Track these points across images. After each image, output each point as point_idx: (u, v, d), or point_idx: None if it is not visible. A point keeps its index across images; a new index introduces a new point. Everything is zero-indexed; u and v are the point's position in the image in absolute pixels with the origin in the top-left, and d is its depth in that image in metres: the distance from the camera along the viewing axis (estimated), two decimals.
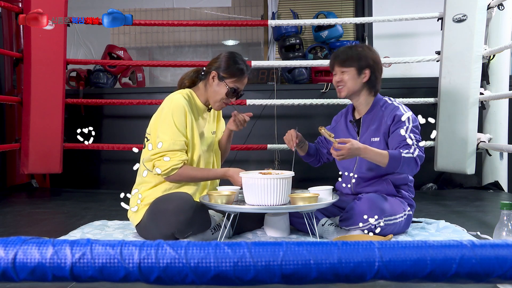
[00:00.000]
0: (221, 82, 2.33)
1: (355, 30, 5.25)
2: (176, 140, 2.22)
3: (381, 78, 2.46)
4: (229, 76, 2.33)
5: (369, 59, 2.38)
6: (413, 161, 2.21)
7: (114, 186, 4.68)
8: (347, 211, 2.27)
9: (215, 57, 2.43)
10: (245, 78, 2.38)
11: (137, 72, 5.03)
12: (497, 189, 4.10)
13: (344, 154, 2.16)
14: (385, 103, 2.42)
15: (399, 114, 2.33)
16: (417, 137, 2.28)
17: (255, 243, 0.80)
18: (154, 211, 2.18)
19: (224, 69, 2.34)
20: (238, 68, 2.34)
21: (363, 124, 2.44)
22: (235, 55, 2.39)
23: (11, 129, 4.56)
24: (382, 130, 2.36)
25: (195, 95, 2.40)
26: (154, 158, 2.23)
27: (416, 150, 2.23)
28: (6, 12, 4.48)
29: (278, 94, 4.62)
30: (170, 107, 2.26)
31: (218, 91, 2.34)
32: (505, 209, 1.57)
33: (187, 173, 2.26)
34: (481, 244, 0.80)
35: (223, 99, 2.36)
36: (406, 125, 2.29)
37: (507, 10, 4.03)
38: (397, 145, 2.28)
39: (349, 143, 2.16)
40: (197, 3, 5.42)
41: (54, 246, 0.78)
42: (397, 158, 2.19)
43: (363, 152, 2.19)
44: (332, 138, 2.20)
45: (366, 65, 2.38)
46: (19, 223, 2.98)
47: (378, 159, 2.21)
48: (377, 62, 2.41)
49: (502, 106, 4.17)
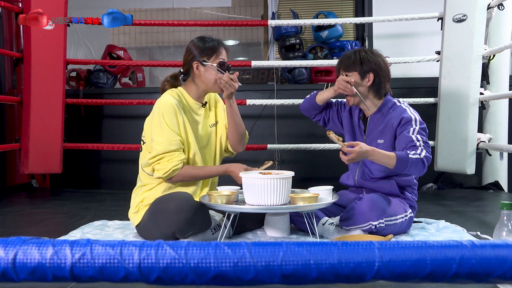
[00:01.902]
0: (206, 67, 2.33)
1: (355, 30, 5.25)
2: (172, 140, 2.21)
3: (388, 81, 2.47)
4: (208, 56, 2.33)
5: (371, 63, 2.41)
6: (421, 162, 2.22)
7: (114, 186, 4.68)
8: (348, 211, 2.27)
9: (184, 54, 2.41)
10: (222, 49, 2.37)
11: (137, 72, 5.03)
12: (497, 189, 4.10)
13: (354, 157, 2.18)
14: (393, 105, 2.44)
15: (405, 117, 2.33)
16: (424, 138, 2.30)
17: (255, 243, 0.80)
18: (155, 211, 2.18)
19: (199, 54, 2.33)
20: (210, 45, 2.34)
21: (370, 123, 2.45)
22: (200, 37, 2.40)
23: (11, 129, 4.56)
24: (389, 132, 2.38)
25: (185, 93, 2.39)
26: (153, 162, 2.23)
27: (423, 151, 2.24)
28: (6, 12, 4.48)
29: (278, 94, 4.62)
30: (160, 109, 2.26)
31: (209, 75, 2.33)
32: (505, 209, 1.57)
33: (189, 173, 2.26)
34: (481, 244, 0.80)
35: (217, 79, 2.34)
36: (413, 127, 2.31)
37: (507, 10, 4.03)
38: (404, 146, 2.29)
39: (358, 146, 2.17)
40: (197, 3, 5.42)
41: (54, 246, 0.78)
42: (405, 160, 2.20)
43: (371, 154, 2.20)
44: (341, 141, 2.20)
45: (369, 69, 2.40)
46: (19, 223, 2.98)
47: (386, 161, 2.22)
48: (380, 66, 2.43)
49: (502, 106, 4.17)
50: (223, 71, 2.33)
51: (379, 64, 2.43)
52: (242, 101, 4.16)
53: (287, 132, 4.66)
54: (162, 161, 2.21)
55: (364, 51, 2.47)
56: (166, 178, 2.24)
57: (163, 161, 2.21)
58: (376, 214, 2.20)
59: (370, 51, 2.48)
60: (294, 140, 4.43)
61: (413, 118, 2.33)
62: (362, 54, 2.43)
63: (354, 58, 2.42)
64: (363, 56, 2.42)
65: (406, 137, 2.29)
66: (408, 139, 2.28)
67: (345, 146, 2.19)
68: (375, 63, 2.42)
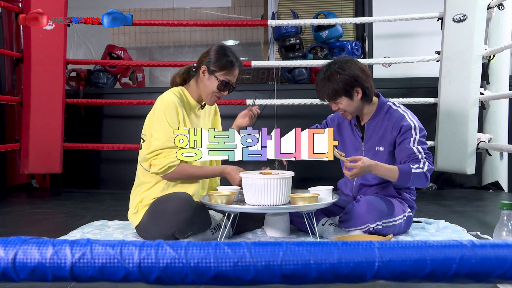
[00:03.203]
0: (211, 76, 2.32)
1: (355, 30, 5.25)
2: (170, 137, 2.20)
3: (371, 80, 2.37)
4: (219, 69, 2.31)
5: (351, 78, 2.28)
6: (423, 176, 2.21)
7: (114, 186, 4.68)
8: (346, 213, 2.27)
9: (203, 53, 2.41)
10: (235, 70, 2.35)
11: (137, 72, 5.03)
12: (497, 189, 4.10)
13: (357, 172, 2.16)
14: (389, 108, 2.38)
15: (405, 125, 2.30)
16: (425, 148, 2.27)
17: (255, 243, 0.80)
18: (154, 212, 2.18)
19: (213, 62, 2.32)
20: (227, 60, 2.32)
21: (367, 131, 2.42)
22: (225, 47, 2.37)
23: (11, 129, 4.56)
24: (388, 140, 2.34)
25: (187, 92, 2.39)
26: (150, 157, 2.23)
27: (426, 164, 2.22)
28: (6, 12, 4.48)
29: (278, 94, 4.62)
30: (161, 106, 2.26)
31: (209, 85, 2.32)
32: (505, 209, 1.57)
33: (185, 171, 2.25)
34: (481, 244, 0.80)
35: (214, 93, 2.33)
36: (413, 136, 2.27)
37: (507, 10, 4.03)
38: (405, 159, 2.27)
39: (361, 161, 2.15)
40: (197, 3, 5.42)
41: (54, 246, 0.78)
42: (407, 174, 2.19)
43: (373, 168, 2.19)
44: (343, 157, 2.18)
45: (351, 86, 2.28)
46: (19, 223, 2.98)
47: (389, 175, 2.21)
48: (358, 76, 2.29)
49: (502, 106, 4.17)
50: (220, 90, 2.33)
51: (356, 75, 2.29)
52: (242, 101, 4.16)
53: (287, 132, 4.64)
54: (159, 157, 2.21)
55: (336, 71, 2.29)
56: (162, 174, 2.23)
57: (160, 157, 2.21)
58: (374, 217, 2.19)
59: (340, 68, 2.30)
60: None
61: (413, 126, 2.29)
62: (336, 77, 2.28)
63: (333, 87, 2.28)
64: (339, 79, 2.27)
65: (407, 149, 2.26)
66: (409, 151, 2.25)
67: (348, 161, 2.16)
68: (353, 77, 2.28)
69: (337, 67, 2.31)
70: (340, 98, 2.31)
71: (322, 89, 2.34)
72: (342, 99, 2.31)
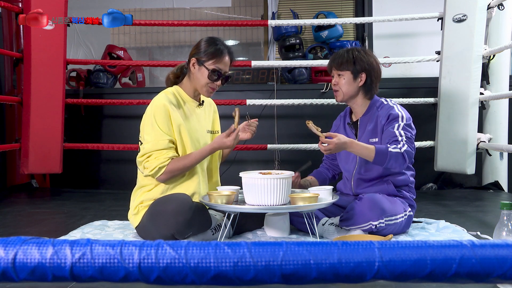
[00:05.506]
0: (201, 67, 2.30)
1: (355, 30, 5.24)
2: (159, 140, 2.20)
3: (379, 82, 2.46)
4: (207, 58, 2.30)
5: (364, 63, 2.40)
6: (401, 156, 2.23)
7: (114, 186, 4.68)
8: (348, 211, 2.27)
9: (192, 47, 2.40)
10: (224, 58, 2.32)
11: (137, 72, 5.03)
12: (497, 189, 4.10)
13: (331, 148, 2.20)
14: (381, 104, 2.44)
15: (393, 113, 2.35)
16: (408, 134, 2.30)
17: (255, 243, 0.80)
18: (153, 213, 2.18)
19: (202, 52, 2.31)
20: (216, 48, 2.30)
21: (361, 126, 2.45)
22: (214, 38, 2.37)
23: (11, 129, 4.56)
24: (379, 130, 2.39)
25: (181, 90, 2.38)
26: (142, 160, 2.24)
27: (405, 145, 2.25)
28: (6, 12, 4.48)
29: (278, 94, 4.62)
30: (152, 109, 2.26)
31: (200, 76, 2.30)
32: (505, 209, 1.57)
33: (176, 166, 2.22)
34: (481, 244, 0.80)
35: (208, 84, 2.31)
36: (399, 123, 2.32)
37: (507, 10, 4.03)
38: (387, 141, 2.30)
39: (336, 137, 2.19)
40: (197, 3, 5.42)
41: (54, 246, 0.78)
42: (384, 153, 2.21)
43: (349, 146, 2.22)
44: (319, 132, 2.22)
45: (361, 69, 2.40)
46: (19, 223, 2.98)
47: (365, 153, 2.24)
48: (373, 66, 2.42)
49: (502, 106, 4.17)
50: (212, 79, 2.31)
51: (372, 64, 2.42)
52: (242, 101, 4.16)
53: (287, 132, 4.66)
54: (150, 159, 2.21)
55: (357, 51, 2.45)
56: (155, 176, 2.23)
57: (150, 159, 2.21)
58: (376, 214, 2.20)
59: (363, 50, 2.47)
60: (294, 140, 4.43)
61: (400, 115, 2.34)
62: (355, 54, 2.42)
63: (347, 57, 2.41)
64: (356, 56, 2.41)
65: (390, 132, 2.31)
66: (391, 134, 2.29)
67: (324, 137, 2.21)
68: (368, 63, 2.41)
69: (362, 50, 2.47)
70: (346, 71, 2.40)
71: (337, 55, 2.46)
72: (346, 73, 2.40)
